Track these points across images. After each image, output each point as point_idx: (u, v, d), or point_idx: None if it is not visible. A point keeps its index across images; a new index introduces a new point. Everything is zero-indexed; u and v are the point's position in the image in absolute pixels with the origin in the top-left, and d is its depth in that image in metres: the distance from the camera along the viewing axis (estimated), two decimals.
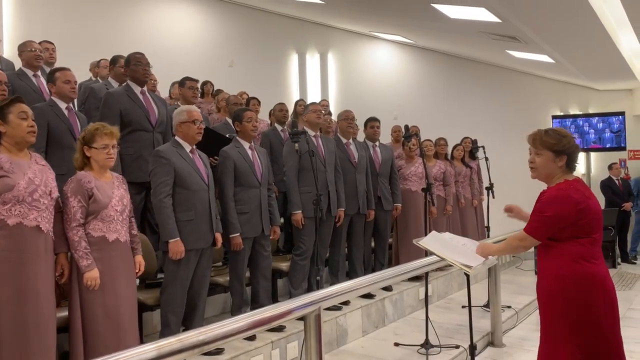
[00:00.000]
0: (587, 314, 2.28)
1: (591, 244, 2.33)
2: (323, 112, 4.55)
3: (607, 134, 10.79)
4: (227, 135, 4.32)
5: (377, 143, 5.01)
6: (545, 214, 2.33)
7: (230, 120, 4.66)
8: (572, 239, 2.31)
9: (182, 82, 4.51)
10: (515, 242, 2.48)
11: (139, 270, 2.89)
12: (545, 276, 2.41)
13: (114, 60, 4.39)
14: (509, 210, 2.81)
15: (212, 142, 4.06)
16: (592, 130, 10.88)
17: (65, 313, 2.70)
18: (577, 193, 2.33)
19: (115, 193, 2.75)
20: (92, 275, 2.62)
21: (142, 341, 2.89)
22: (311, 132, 4.26)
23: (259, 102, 5.77)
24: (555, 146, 2.40)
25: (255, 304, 3.66)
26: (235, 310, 3.57)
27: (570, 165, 2.42)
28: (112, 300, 2.68)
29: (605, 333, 2.29)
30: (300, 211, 4.04)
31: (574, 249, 2.31)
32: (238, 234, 3.53)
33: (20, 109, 2.48)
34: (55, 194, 2.57)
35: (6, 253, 2.35)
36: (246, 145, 3.74)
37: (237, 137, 3.78)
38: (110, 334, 2.66)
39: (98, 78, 5.36)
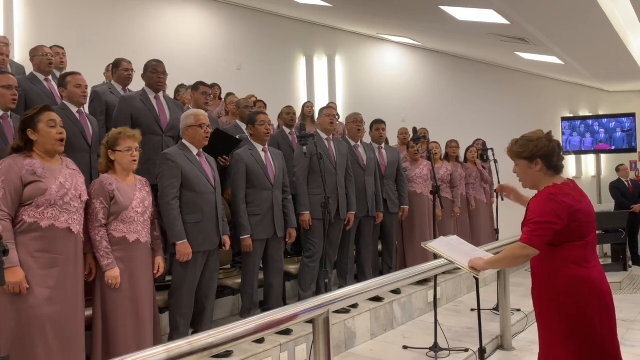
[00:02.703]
0: (581, 319, 2.24)
1: (583, 247, 2.28)
2: (337, 117, 4.56)
3: (619, 134, 10.69)
4: (237, 137, 4.35)
5: (382, 145, 5.01)
6: (540, 222, 2.25)
7: (240, 123, 4.70)
8: (564, 242, 2.27)
9: (196, 87, 4.52)
10: (517, 252, 2.32)
11: (158, 271, 2.97)
12: (537, 282, 2.38)
13: (117, 63, 4.43)
14: (503, 189, 2.75)
15: (222, 143, 4.10)
16: (602, 130, 10.78)
17: (89, 312, 2.76)
18: (567, 197, 2.28)
19: (136, 195, 2.85)
20: (113, 274, 2.71)
21: (157, 341, 2.91)
22: (323, 135, 4.28)
23: (265, 105, 5.79)
24: (523, 153, 2.38)
25: (265, 306, 3.68)
26: (245, 313, 3.60)
27: (551, 167, 2.36)
28: (131, 300, 2.76)
29: (602, 338, 2.25)
30: (308, 212, 4.06)
31: (565, 254, 2.27)
32: (248, 235, 3.57)
33: (49, 117, 2.59)
34: (85, 197, 2.68)
35: (39, 254, 2.45)
36: (259, 147, 3.80)
37: (251, 140, 3.85)
38: (130, 333, 2.73)
39: (109, 82, 5.40)
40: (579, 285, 2.25)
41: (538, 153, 2.35)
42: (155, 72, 3.80)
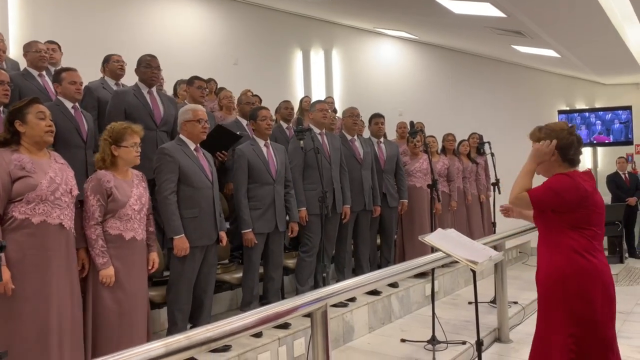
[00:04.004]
0: (584, 306, 2.29)
1: (592, 237, 2.34)
2: (329, 110, 4.55)
3: (616, 125, 10.70)
4: (237, 133, 4.36)
5: (381, 139, 5.00)
6: (550, 186, 2.34)
7: (240, 119, 4.70)
8: (574, 229, 2.32)
9: (190, 81, 4.51)
10: (515, 188, 2.40)
11: (152, 267, 2.95)
12: (544, 267, 2.42)
13: (106, 58, 4.41)
14: (506, 211, 2.79)
15: (222, 139, 4.11)
16: (598, 122, 10.79)
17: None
18: (584, 182, 2.35)
19: (134, 192, 2.82)
20: (108, 273, 2.69)
21: (149, 339, 2.91)
22: (316, 130, 4.28)
23: (261, 99, 5.78)
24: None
25: (264, 300, 3.69)
26: (245, 306, 3.63)
27: (567, 159, 2.41)
28: (126, 298, 2.74)
29: (600, 326, 2.30)
30: (304, 208, 4.06)
31: (575, 242, 2.32)
32: (250, 229, 3.60)
33: (37, 109, 2.55)
34: (76, 191, 2.64)
35: (32, 250, 2.41)
36: (261, 143, 3.82)
37: (253, 135, 3.88)
38: (123, 330, 2.71)
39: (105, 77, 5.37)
40: (585, 272, 2.30)
41: (557, 144, 2.39)
42: (149, 66, 3.79)
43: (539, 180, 2.52)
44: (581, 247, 2.31)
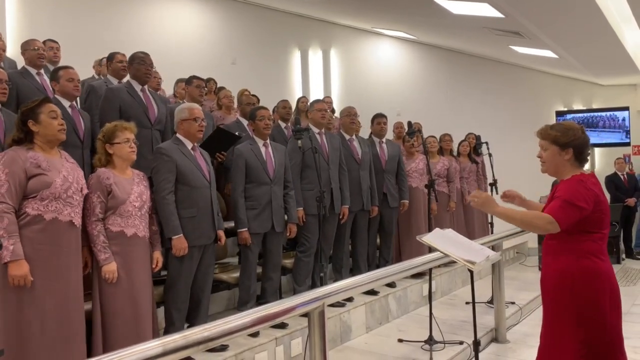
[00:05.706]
0: (594, 310, 2.27)
1: (601, 239, 2.33)
2: (328, 110, 4.55)
3: (614, 127, 10.73)
4: (236, 133, 4.36)
5: (384, 139, 5.00)
6: (572, 203, 2.24)
7: (241, 119, 4.70)
8: (585, 233, 2.30)
9: (189, 81, 4.52)
10: (539, 222, 2.27)
11: (156, 265, 2.99)
12: (551, 271, 2.39)
13: (110, 56, 4.41)
14: (508, 196, 2.70)
15: (222, 140, 4.10)
16: (595, 123, 10.82)
17: (87, 306, 2.78)
18: (595, 186, 2.34)
19: (134, 189, 2.85)
20: (110, 269, 2.72)
21: (155, 335, 2.92)
22: (315, 129, 4.28)
23: (258, 99, 5.79)
24: (559, 139, 2.37)
25: (262, 300, 3.69)
26: (242, 305, 3.63)
27: (579, 159, 2.39)
28: (129, 294, 2.77)
29: (610, 329, 2.29)
30: (301, 208, 4.06)
31: (584, 245, 2.30)
32: (245, 229, 3.59)
33: (50, 109, 2.61)
34: (85, 190, 2.70)
35: (42, 246, 2.47)
36: (260, 142, 3.81)
37: (253, 135, 3.88)
38: (127, 327, 2.74)
39: (101, 76, 5.36)
40: (594, 276, 2.29)
41: (573, 142, 2.37)
42: (143, 63, 3.77)
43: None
44: (591, 250, 2.30)
